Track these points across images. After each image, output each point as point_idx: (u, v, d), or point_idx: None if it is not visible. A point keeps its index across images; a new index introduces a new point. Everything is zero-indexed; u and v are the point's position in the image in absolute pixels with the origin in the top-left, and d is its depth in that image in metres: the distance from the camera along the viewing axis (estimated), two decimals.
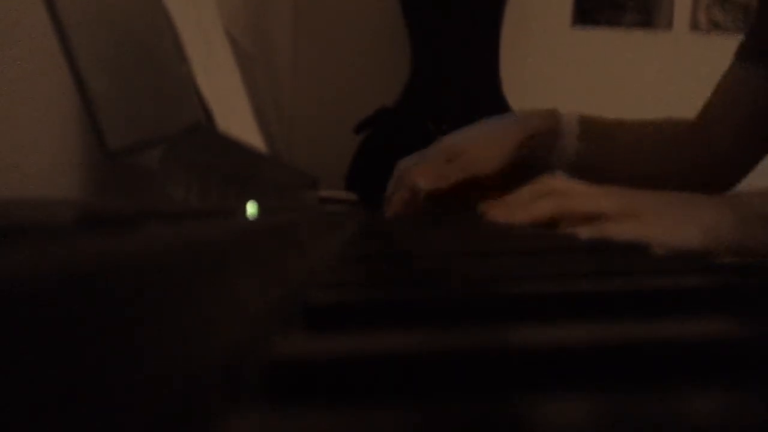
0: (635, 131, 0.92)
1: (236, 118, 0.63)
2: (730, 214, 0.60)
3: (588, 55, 2.33)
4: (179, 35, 0.50)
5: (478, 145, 0.85)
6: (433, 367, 0.12)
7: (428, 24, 2.06)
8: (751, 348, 0.13)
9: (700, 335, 0.13)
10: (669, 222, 0.60)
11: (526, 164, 0.85)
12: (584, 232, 0.61)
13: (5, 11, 0.44)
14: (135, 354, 0.09)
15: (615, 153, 0.90)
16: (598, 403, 0.10)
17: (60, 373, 0.07)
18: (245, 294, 0.15)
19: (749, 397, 0.10)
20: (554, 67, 2.32)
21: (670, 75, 2.32)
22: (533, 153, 0.85)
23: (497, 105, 2.06)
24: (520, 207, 0.64)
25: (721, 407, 0.10)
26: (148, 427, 0.08)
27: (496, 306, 0.18)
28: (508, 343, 0.13)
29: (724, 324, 0.14)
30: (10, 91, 0.45)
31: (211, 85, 0.54)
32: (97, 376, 0.08)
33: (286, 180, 0.84)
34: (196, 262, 0.13)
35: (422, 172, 0.84)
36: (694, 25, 2.34)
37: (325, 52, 2.26)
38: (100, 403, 0.08)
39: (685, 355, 0.13)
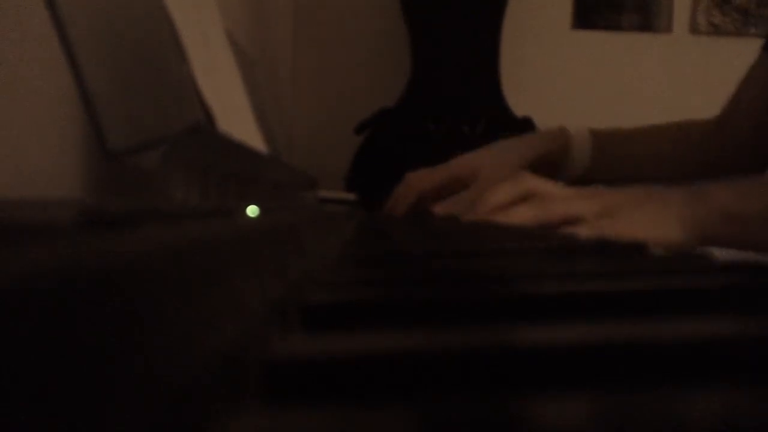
0: (653, 136, 0.92)
1: (236, 119, 0.63)
2: (703, 209, 0.61)
3: (588, 57, 2.33)
4: (179, 36, 0.50)
5: (489, 166, 0.85)
6: (432, 367, 0.12)
7: (428, 25, 2.06)
8: (752, 348, 0.13)
9: (701, 335, 0.13)
10: (647, 219, 0.61)
11: None
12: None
13: (5, 11, 0.44)
14: (134, 353, 0.09)
15: (629, 160, 0.89)
16: (599, 403, 0.10)
17: (59, 373, 0.07)
18: (244, 294, 0.15)
19: (750, 396, 0.10)
20: (554, 70, 2.32)
21: (670, 77, 2.32)
22: (546, 173, 0.86)
23: (497, 107, 2.06)
24: (500, 210, 0.64)
25: (722, 407, 0.10)
26: (146, 427, 0.08)
27: (496, 306, 0.18)
28: (507, 343, 0.13)
29: (726, 323, 0.14)
30: (10, 91, 0.45)
31: (211, 85, 0.54)
32: (96, 376, 0.08)
33: (286, 180, 0.84)
34: (195, 261, 0.13)
35: (424, 177, 0.85)
36: (694, 28, 2.34)
37: (325, 52, 2.26)
38: (99, 402, 0.08)
39: (686, 355, 0.13)
